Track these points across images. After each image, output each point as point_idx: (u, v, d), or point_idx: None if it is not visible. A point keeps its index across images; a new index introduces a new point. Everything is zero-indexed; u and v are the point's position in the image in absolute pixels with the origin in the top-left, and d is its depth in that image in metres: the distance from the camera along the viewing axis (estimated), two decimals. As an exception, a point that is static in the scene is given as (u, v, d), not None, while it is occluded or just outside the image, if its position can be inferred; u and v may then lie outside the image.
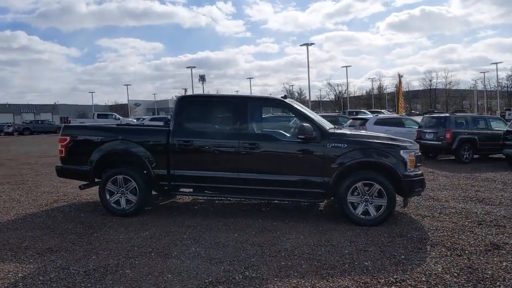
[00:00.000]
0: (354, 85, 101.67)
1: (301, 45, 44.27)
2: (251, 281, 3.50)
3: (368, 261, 3.95)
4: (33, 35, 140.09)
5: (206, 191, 5.91)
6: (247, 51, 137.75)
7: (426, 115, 14.75)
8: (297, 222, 5.37)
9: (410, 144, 5.56)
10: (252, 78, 75.84)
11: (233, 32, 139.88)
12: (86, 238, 4.75)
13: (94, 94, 70.94)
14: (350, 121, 16.07)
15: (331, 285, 3.43)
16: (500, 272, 3.65)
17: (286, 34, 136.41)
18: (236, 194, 5.78)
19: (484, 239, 4.61)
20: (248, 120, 5.64)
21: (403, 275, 3.61)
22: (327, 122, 5.99)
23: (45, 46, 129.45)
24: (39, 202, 6.76)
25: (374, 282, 3.47)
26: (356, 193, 5.25)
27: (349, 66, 58.40)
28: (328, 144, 5.31)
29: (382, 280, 3.51)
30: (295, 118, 5.97)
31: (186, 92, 63.13)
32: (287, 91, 77.31)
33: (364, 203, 5.23)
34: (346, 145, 5.28)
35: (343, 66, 58.76)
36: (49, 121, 48.12)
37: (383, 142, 5.42)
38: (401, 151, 5.29)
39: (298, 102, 6.40)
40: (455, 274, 3.63)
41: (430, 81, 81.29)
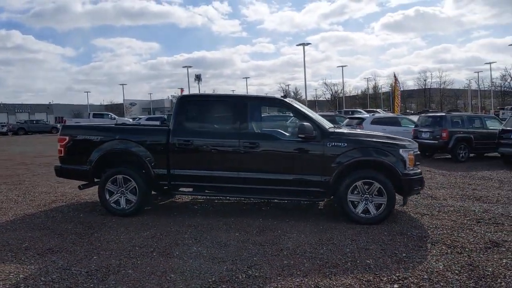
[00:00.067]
0: (350, 85, 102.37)
1: (298, 45, 44.44)
2: (255, 280, 3.50)
3: (370, 259, 3.97)
4: (28, 35, 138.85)
5: (206, 191, 5.90)
6: (243, 51, 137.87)
7: (422, 115, 14.84)
8: (298, 221, 5.38)
9: (409, 143, 5.59)
10: (248, 78, 76.01)
11: (229, 32, 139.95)
12: (87, 239, 4.72)
13: (90, 94, 70.53)
14: (347, 121, 16.13)
15: (335, 284, 3.44)
16: (501, 269, 3.68)
17: (282, 34, 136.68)
18: (237, 194, 5.78)
19: (483, 237, 4.65)
20: (248, 120, 5.65)
21: (405, 273, 3.63)
22: (327, 122, 6.00)
23: (40, 46, 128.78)
24: (37, 203, 6.72)
25: (377, 280, 3.49)
26: (356, 192, 5.27)
27: (345, 66, 58.71)
28: (328, 143, 5.32)
29: (385, 278, 3.52)
30: (292, 117, 5.97)
31: (183, 92, 63.05)
32: (284, 91, 77.35)
33: (364, 202, 5.25)
34: (346, 144, 5.30)
35: (339, 66, 59.14)
36: (44, 121, 47.74)
37: (383, 141, 5.44)
38: (400, 150, 5.32)
39: (298, 102, 6.40)
40: (457, 272, 3.65)
41: (425, 81, 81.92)
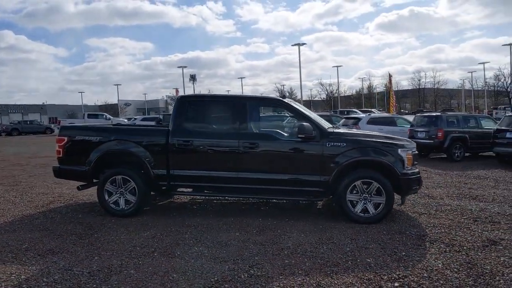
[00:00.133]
0: (344, 85, 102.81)
1: (293, 45, 44.53)
2: (257, 280, 3.53)
3: (370, 258, 4.01)
4: (21, 35, 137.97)
5: (206, 191, 5.91)
6: (238, 51, 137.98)
7: (418, 114, 14.95)
8: (297, 221, 5.41)
9: (407, 143, 5.65)
10: (243, 78, 75.95)
11: (224, 32, 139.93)
12: (87, 239, 4.72)
13: (83, 94, 70.02)
14: (343, 120, 16.20)
15: (336, 282, 3.47)
16: (499, 267, 3.74)
17: (277, 34, 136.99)
18: (236, 194, 5.80)
19: (481, 235, 4.71)
20: (248, 120, 5.67)
21: (405, 271, 3.67)
22: (326, 122, 6.04)
23: (33, 46, 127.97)
24: (35, 204, 6.69)
25: (378, 279, 3.53)
26: (355, 191, 5.31)
27: (340, 66, 58.87)
28: (328, 143, 5.36)
29: (385, 277, 3.56)
30: (289, 118, 5.99)
31: (178, 92, 62.94)
32: (279, 91, 77.49)
33: (363, 201, 5.30)
34: (345, 144, 5.33)
35: (334, 66, 59.26)
36: (38, 122, 47.34)
37: (381, 141, 5.49)
38: (399, 150, 5.37)
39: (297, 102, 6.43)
40: (456, 270, 3.70)
41: (419, 81, 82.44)
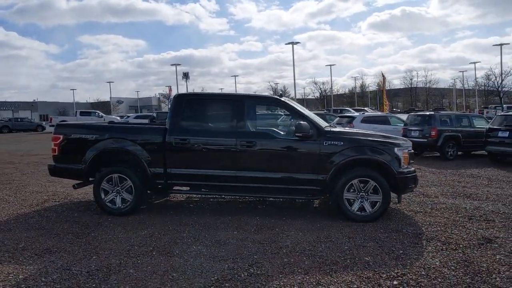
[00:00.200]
0: (337, 84, 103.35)
1: (287, 44, 44.91)
2: (257, 278, 3.53)
3: (368, 257, 4.04)
4: (11, 31, 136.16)
5: (203, 189, 5.90)
6: (231, 49, 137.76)
7: (412, 113, 15.06)
8: (294, 219, 5.43)
9: (404, 142, 5.69)
10: (236, 76, 75.87)
11: (217, 30, 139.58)
12: (84, 238, 4.68)
13: (75, 92, 69.27)
14: (337, 119, 16.27)
15: (335, 281, 3.50)
16: (495, 265, 3.79)
17: (270, 33, 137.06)
18: (234, 192, 5.79)
19: (476, 234, 4.77)
20: (245, 118, 5.66)
21: (404, 270, 3.71)
22: (322, 121, 6.06)
23: (24, 42, 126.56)
24: (29, 202, 6.62)
25: (377, 277, 3.56)
26: (352, 190, 5.34)
27: (333, 65, 59.04)
28: (325, 142, 5.38)
29: (384, 275, 3.59)
30: (283, 116, 6.00)
31: (171, 90, 62.62)
32: (272, 89, 77.53)
33: (360, 200, 5.33)
34: (342, 143, 5.36)
35: (327, 65, 59.35)
36: (29, 119, 46.74)
37: (378, 140, 5.52)
38: (395, 149, 5.41)
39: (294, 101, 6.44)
40: (453, 268, 3.75)
41: (411, 80, 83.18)
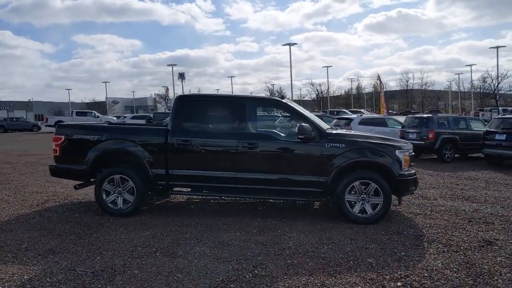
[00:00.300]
0: (333, 85, 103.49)
1: (283, 45, 44.92)
2: (262, 279, 3.55)
3: (371, 258, 4.08)
4: (5, 30, 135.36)
5: (205, 191, 5.91)
6: (227, 50, 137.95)
7: (409, 116, 15.16)
8: (295, 221, 5.45)
9: (405, 144, 5.74)
10: (233, 77, 75.91)
11: (213, 30, 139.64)
12: (87, 239, 4.68)
13: (70, 91, 69.03)
14: (335, 121, 16.31)
15: (340, 282, 3.52)
16: (496, 267, 3.84)
17: (266, 34, 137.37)
18: (235, 194, 5.81)
19: (476, 236, 4.82)
20: (247, 120, 5.68)
21: (407, 271, 3.74)
22: (324, 123, 6.10)
23: (18, 41, 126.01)
24: (30, 203, 6.59)
25: (380, 279, 3.59)
26: (353, 192, 5.38)
27: (330, 66, 59.27)
28: (327, 144, 5.41)
29: (388, 277, 3.63)
30: (281, 118, 6.02)
31: (168, 91, 62.56)
32: (269, 90, 77.61)
33: (361, 202, 5.36)
34: (344, 145, 5.39)
35: (324, 66, 59.78)
36: (24, 119, 46.44)
37: (379, 142, 5.57)
38: (396, 151, 5.45)
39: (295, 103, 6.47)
40: (455, 270, 3.79)
41: (407, 82, 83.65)
